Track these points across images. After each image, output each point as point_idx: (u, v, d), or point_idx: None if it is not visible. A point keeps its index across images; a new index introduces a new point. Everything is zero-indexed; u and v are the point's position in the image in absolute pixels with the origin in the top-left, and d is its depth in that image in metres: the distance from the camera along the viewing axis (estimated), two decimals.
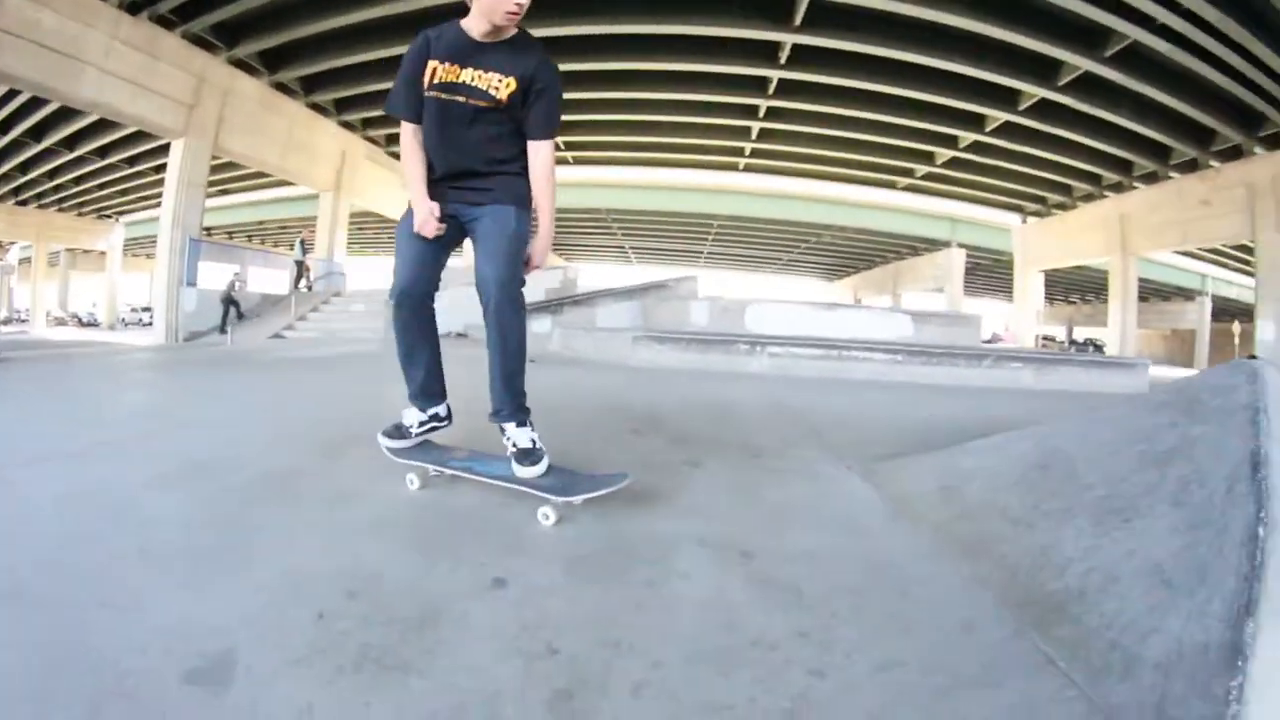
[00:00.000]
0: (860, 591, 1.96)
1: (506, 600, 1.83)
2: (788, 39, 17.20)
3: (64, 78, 15.25)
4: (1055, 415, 3.66)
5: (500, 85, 2.56)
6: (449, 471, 2.72)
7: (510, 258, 2.58)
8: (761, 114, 22.53)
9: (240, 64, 19.33)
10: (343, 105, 23.64)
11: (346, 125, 24.79)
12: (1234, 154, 20.14)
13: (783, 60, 18.38)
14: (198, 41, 18.10)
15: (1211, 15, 13.71)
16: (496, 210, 2.63)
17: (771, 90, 20.51)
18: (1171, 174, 22.46)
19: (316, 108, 22.90)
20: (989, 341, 28.16)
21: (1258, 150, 19.28)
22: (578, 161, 30.14)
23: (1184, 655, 1.44)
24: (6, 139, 26.24)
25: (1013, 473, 2.60)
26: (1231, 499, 1.74)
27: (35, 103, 22.78)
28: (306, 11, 17.48)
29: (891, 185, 29.78)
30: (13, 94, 21.99)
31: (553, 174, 2.74)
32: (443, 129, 2.61)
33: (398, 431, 2.82)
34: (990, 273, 44.13)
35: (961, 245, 36.56)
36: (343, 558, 2.08)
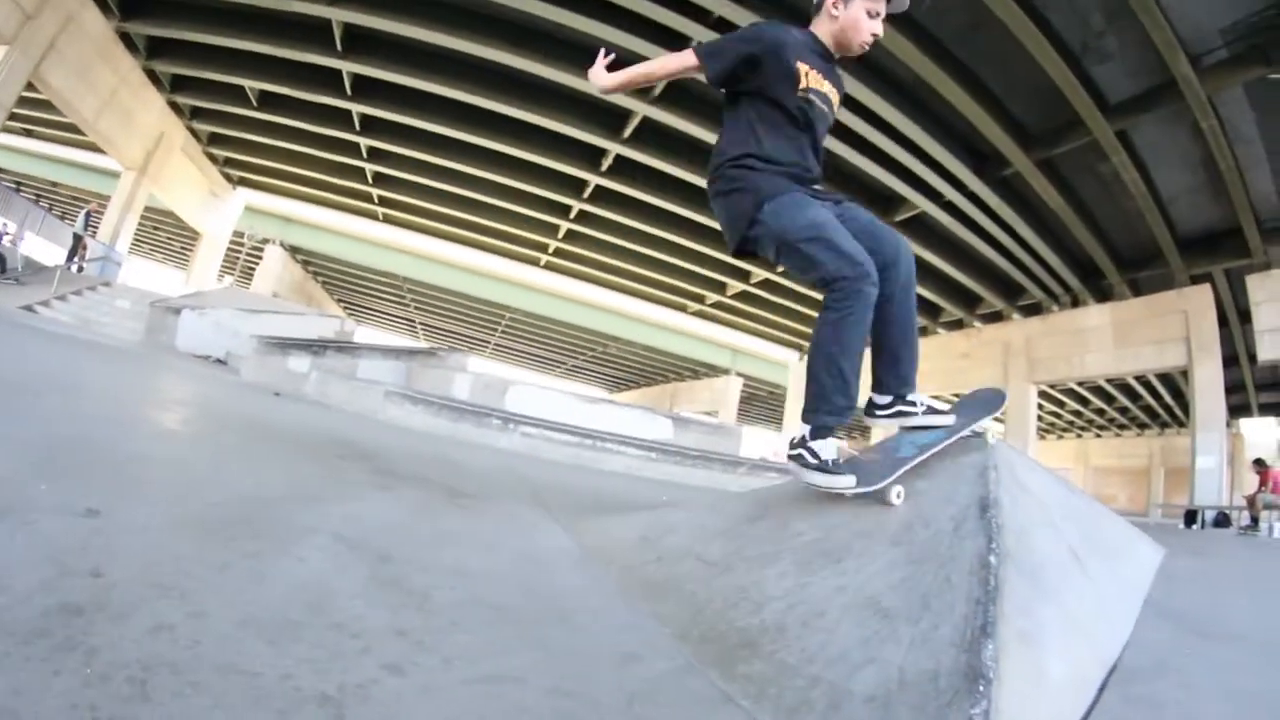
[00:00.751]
0: (505, 610, 1.70)
1: None
2: (613, 148, 17.81)
3: None
4: None
5: (836, 104, 2.71)
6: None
7: None
8: (573, 215, 23.04)
9: None
10: (179, 83, 22.02)
11: (174, 106, 22.99)
12: (995, 317, 23.18)
13: (604, 167, 18.94)
14: None
15: (993, 200, 15.52)
16: (855, 205, 2.65)
17: (587, 194, 21.04)
18: (939, 330, 25.16)
19: (151, 75, 21.02)
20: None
21: (1015, 315, 22.40)
22: (386, 220, 29.71)
23: (907, 684, 1.30)
24: None
25: (720, 525, 2.40)
26: (959, 536, 1.69)
27: None
28: None
29: (682, 308, 31.03)
30: None
31: None
32: (811, 132, 2.61)
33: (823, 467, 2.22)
34: (765, 403, 46.11)
35: (740, 374, 38.31)
36: None
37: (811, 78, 2.53)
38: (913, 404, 2.38)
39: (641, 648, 1.62)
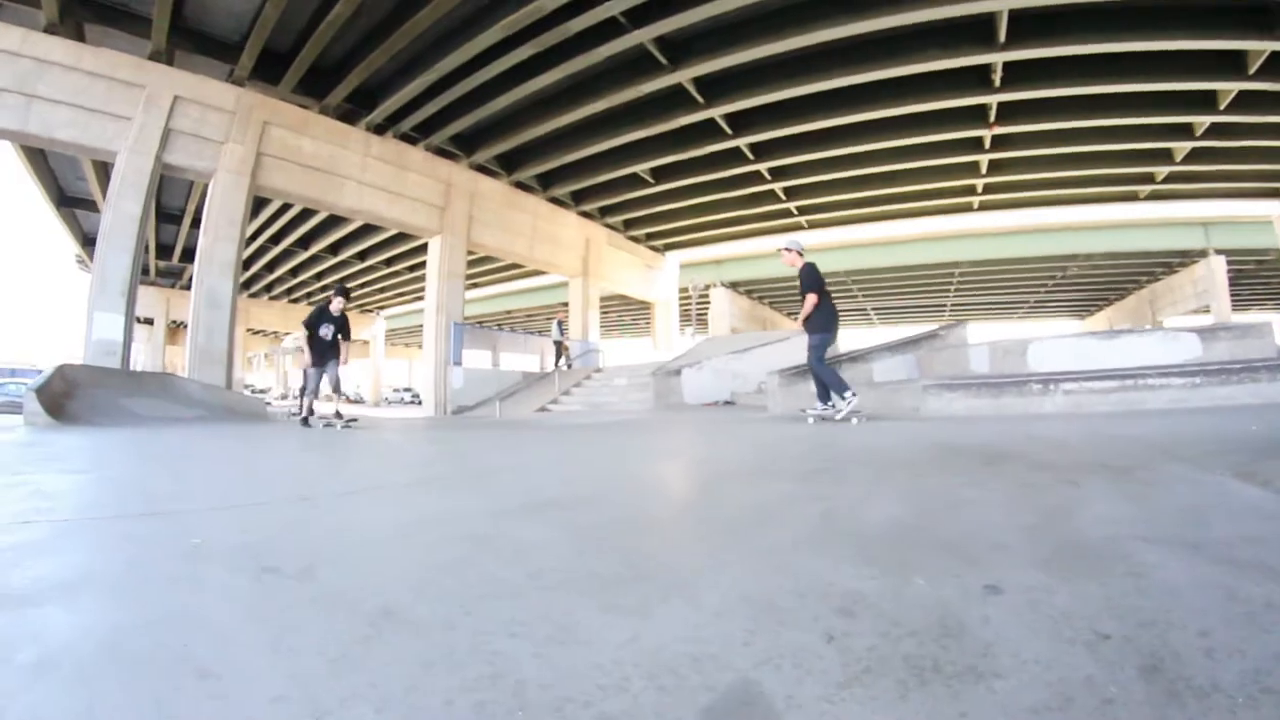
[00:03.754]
0: None
1: None
2: (997, 58, 16.94)
3: (327, 192, 18.64)
4: None
5: None
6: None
7: None
8: (987, 144, 22.18)
9: (480, 168, 22.11)
10: (579, 196, 26.07)
11: (585, 215, 27.22)
12: None
13: (996, 83, 18.13)
14: (440, 153, 21.05)
15: None
16: None
17: (992, 117, 20.19)
18: None
19: (556, 201, 25.53)
20: None
21: None
22: (811, 225, 30.51)
23: None
24: (279, 248, 31.00)
25: None
26: None
27: (302, 216, 27.24)
28: (532, 116, 19.62)
29: (1133, 196, 27.93)
30: (281, 211, 26.24)
31: None
32: None
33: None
34: (1257, 278, 39.96)
35: (1220, 251, 33.71)
36: (792, 578, 2.15)
37: None
38: None
39: None
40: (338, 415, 11.42)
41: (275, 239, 31.46)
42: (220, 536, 2.75)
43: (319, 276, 39.37)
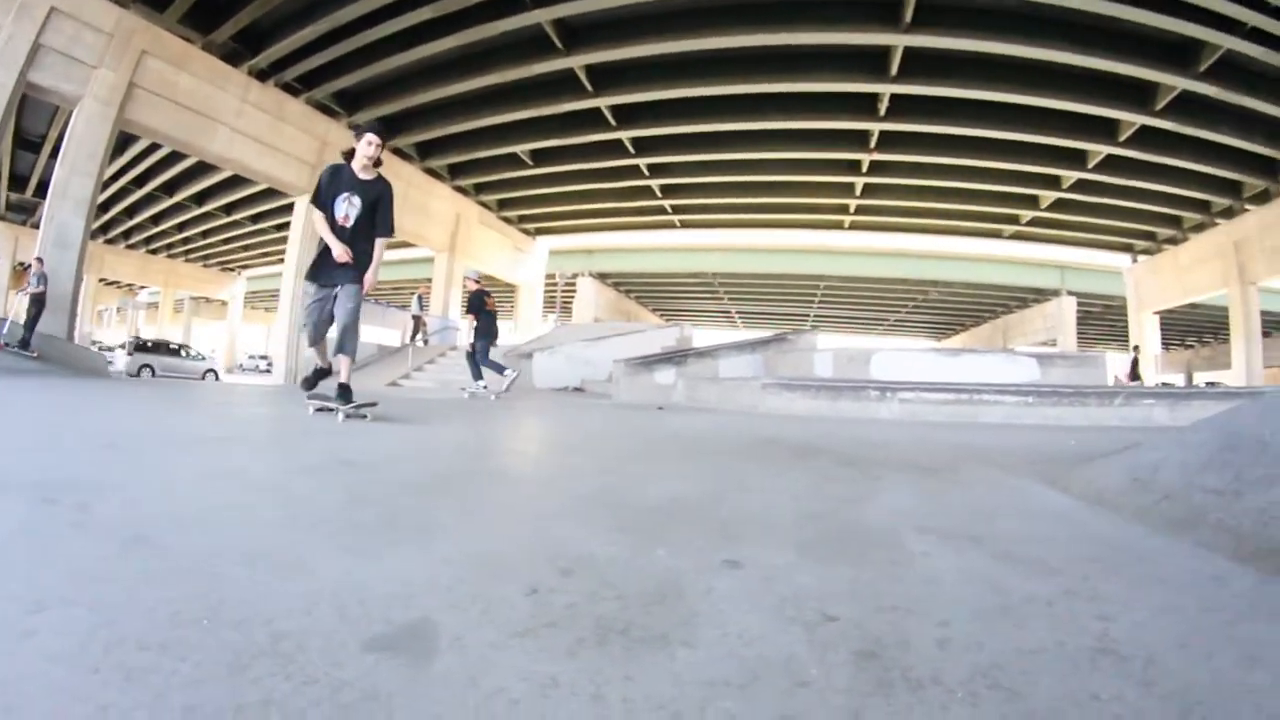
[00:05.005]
0: (1102, 560, 2.04)
1: None
2: (885, 89, 17.55)
3: (198, 134, 17.16)
4: None
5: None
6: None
7: None
8: (864, 168, 22.83)
9: (359, 129, 20.81)
10: (455, 171, 25.36)
11: (459, 190, 26.43)
12: None
13: (882, 112, 18.70)
14: (321, 108, 19.99)
15: None
16: None
17: (873, 143, 20.83)
18: None
19: (431, 172, 24.61)
20: None
21: None
22: (684, 225, 30.89)
23: None
24: (142, 191, 28.79)
25: (1199, 458, 2.67)
26: None
27: (169, 160, 25.05)
28: (420, 82, 18.97)
29: (997, 234, 29.56)
30: (149, 151, 24.08)
31: None
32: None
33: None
34: (1102, 320, 42.80)
35: (1071, 293, 35.75)
36: (540, 540, 2.13)
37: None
38: None
39: (1219, 569, 1.92)
40: (342, 394, 5.79)
41: (139, 181, 28.97)
42: (19, 473, 2.71)
43: (181, 227, 36.87)
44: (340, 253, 5.70)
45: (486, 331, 11.79)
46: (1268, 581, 1.83)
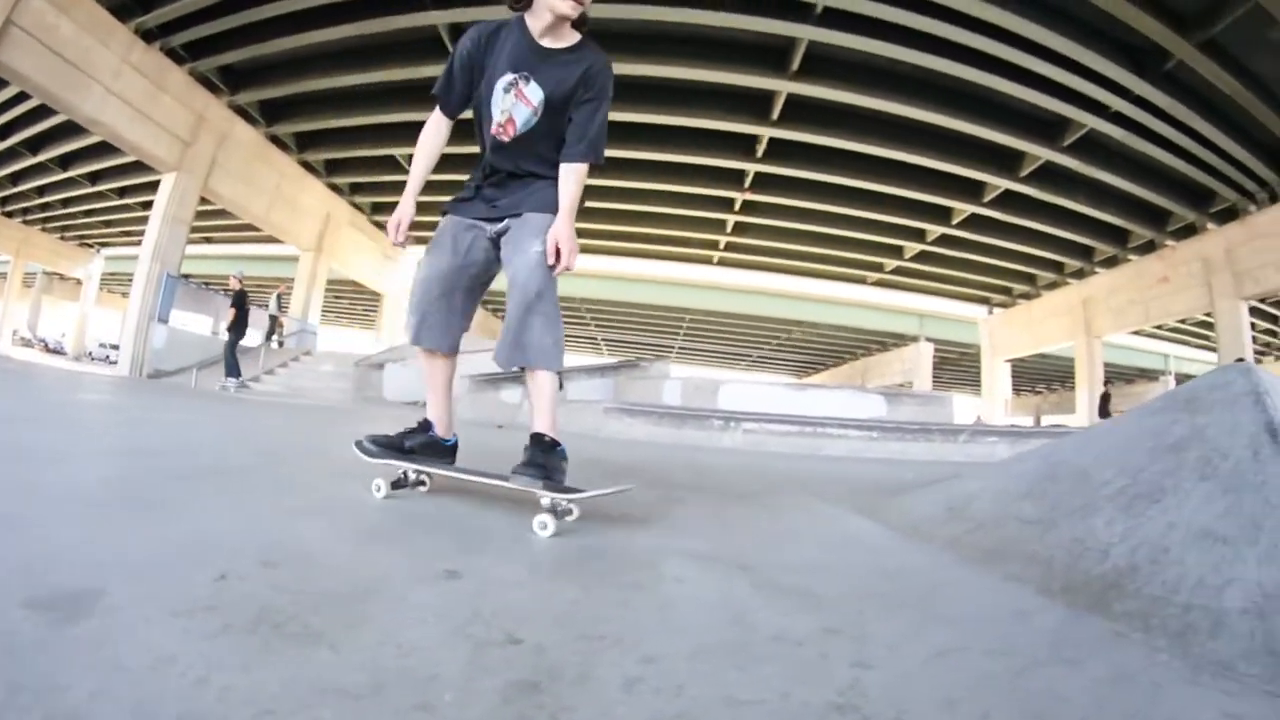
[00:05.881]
0: (885, 595, 1.83)
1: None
2: (766, 132, 17.72)
3: (71, 89, 15.50)
4: None
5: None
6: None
7: None
8: (737, 207, 22.98)
9: (240, 111, 19.64)
10: (331, 167, 24.01)
11: (333, 188, 25.06)
12: (1188, 231, 20.54)
13: (760, 153, 18.86)
14: (203, 81, 18.49)
15: (1162, 101, 14.21)
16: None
17: (748, 183, 20.98)
18: (1130, 256, 22.83)
19: (307, 166, 23.11)
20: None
21: (1210, 225, 19.76)
22: None
23: (1270, 595, 1.45)
24: (3, 145, 26.05)
25: (1019, 488, 2.52)
26: (1261, 463, 1.78)
27: (36, 114, 22.65)
28: (309, 69, 18.02)
29: (861, 280, 30.24)
30: (16, 100, 21.89)
31: None
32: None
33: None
34: (958, 366, 44.32)
35: (929, 339, 36.82)
36: (272, 534, 1.96)
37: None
38: None
39: (1023, 604, 1.77)
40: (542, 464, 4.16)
41: (1, 133, 26.51)
42: None
43: (41, 190, 33.45)
44: (399, 229, 2.97)
45: (239, 327, 12.81)
46: (1075, 618, 1.67)
